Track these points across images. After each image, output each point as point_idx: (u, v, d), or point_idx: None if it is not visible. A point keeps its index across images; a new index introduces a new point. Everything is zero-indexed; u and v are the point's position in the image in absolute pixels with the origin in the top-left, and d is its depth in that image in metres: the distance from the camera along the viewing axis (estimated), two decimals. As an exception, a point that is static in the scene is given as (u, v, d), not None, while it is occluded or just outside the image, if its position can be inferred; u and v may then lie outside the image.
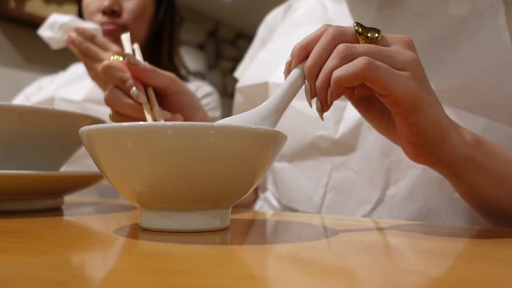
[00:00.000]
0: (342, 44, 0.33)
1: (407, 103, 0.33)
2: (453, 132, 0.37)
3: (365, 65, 0.31)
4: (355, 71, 0.31)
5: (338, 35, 0.34)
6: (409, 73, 0.33)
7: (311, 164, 0.56)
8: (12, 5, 1.93)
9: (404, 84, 0.32)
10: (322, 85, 0.33)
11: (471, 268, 0.23)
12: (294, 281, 0.19)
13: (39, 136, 0.44)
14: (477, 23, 0.50)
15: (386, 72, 0.32)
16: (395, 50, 0.34)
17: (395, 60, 0.33)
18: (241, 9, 3.58)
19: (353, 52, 0.32)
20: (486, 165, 0.38)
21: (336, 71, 0.32)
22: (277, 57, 0.62)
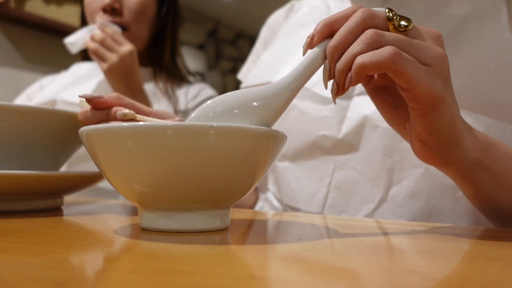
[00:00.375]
0: (370, 30, 0.31)
1: (427, 101, 0.32)
2: (466, 136, 0.36)
3: (391, 55, 0.30)
4: (380, 60, 0.30)
5: (368, 18, 0.32)
6: (434, 70, 0.32)
7: (314, 164, 0.56)
8: (12, 5, 1.93)
9: (428, 80, 0.31)
10: (342, 68, 0.32)
11: (473, 269, 0.23)
12: (295, 281, 0.19)
13: (39, 136, 0.44)
14: (479, 23, 0.50)
15: (412, 66, 0.31)
16: (424, 43, 0.33)
17: (423, 54, 0.32)
18: (241, 9, 3.58)
19: (381, 39, 0.31)
20: (494, 169, 0.38)
21: (360, 56, 0.31)
22: (281, 57, 0.63)
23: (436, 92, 0.32)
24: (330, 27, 0.33)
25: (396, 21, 0.32)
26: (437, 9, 0.52)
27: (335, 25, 0.33)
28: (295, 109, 0.58)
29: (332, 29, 0.33)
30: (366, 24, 0.32)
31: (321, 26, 0.33)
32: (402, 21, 0.33)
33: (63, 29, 1.98)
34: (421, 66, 0.31)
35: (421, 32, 0.33)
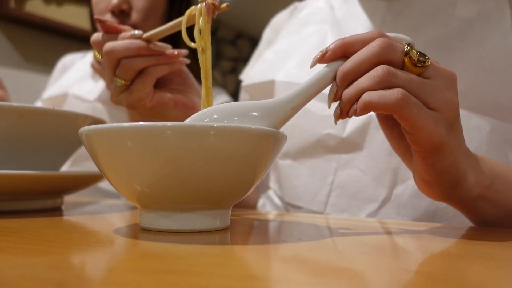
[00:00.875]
0: (384, 67, 0.31)
1: (428, 145, 0.33)
2: (469, 175, 0.36)
3: (398, 100, 0.30)
4: (387, 103, 0.30)
5: (385, 52, 0.31)
6: (440, 115, 0.32)
7: (317, 162, 0.56)
8: (12, 5, 1.93)
9: (431, 126, 0.31)
10: (349, 98, 0.32)
11: (476, 269, 0.23)
12: (295, 281, 0.19)
13: (39, 136, 0.44)
14: (484, 26, 0.51)
15: (417, 111, 0.31)
16: (435, 86, 0.32)
17: (431, 97, 0.32)
18: (241, 9, 3.58)
19: (392, 80, 0.31)
20: (497, 201, 0.38)
21: (368, 94, 0.31)
22: (284, 56, 0.63)
23: (438, 138, 0.32)
24: (345, 48, 0.33)
25: (414, 57, 0.32)
26: (442, 11, 0.53)
27: (350, 48, 0.33)
28: None
29: (347, 51, 0.33)
30: (381, 57, 0.31)
31: (337, 45, 0.33)
32: (420, 57, 0.32)
33: (63, 29, 1.98)
34: (427, 111, 0.31)
35: (437, 72, 0.33)
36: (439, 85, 0.32)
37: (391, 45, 0.32)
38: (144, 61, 0.46)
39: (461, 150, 0.35)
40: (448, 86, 0.33)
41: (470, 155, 0.37)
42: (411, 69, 0.32)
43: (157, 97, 0.50)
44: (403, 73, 0.31)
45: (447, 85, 0.33)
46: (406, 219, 0.50)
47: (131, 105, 0.49)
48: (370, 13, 0.57)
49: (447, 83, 0.33)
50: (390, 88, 0.31)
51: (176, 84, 0.53)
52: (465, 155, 0.36)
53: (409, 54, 0.31)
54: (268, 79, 0.61)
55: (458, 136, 0.34)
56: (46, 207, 0.45)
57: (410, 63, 0.32)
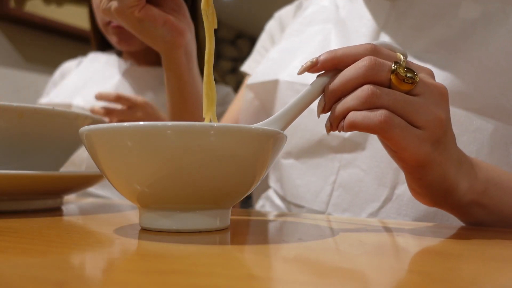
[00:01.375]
0: (368, 88, 0.31)
1: (413, 162, 0.33)
2: (461, 182, 0.36)
3: (381, 122, 0.31)
4: (370, 125, 0.31)
5: (371, 73, 0.32)
6: (425, 133, 0.32)
7: (319, 162, 0.56)
8: (12, 5, 1.93)
9: (414, 145, 0.32)
10: (337, 116, 0.33)
11: (478, 269, 0.23)
12: (295, 282, 0.19)
13: (39, 136, 0.44)
14: (487, 27, 0.51)
15: (400, 132, 0.31)
16: (422, 104, 0.32)
17: (417, 116, 0.32)
18: (241, 9, 3.58)
19: (376, 101, 0.31)
20: (491, 206, 0.38)
21: (353, 114, 0.31)
22: (288, 55, 0.63)
23: (422, 156, 0.33)
24: (335, 62, 0.33)
25: (401, 73, 0.32)
26: (446, 12, 0.53)
27: (340, 62, 0.33)
28: None
29: (337, 64, 0.33)
30: (367, 78, 0.32)
31: (327, 58, 0.33)
32: (408, 73, 0.32)
33: (63, 29, 1.98)
34: (411, 130, 0.32)
35: (426, 88, 0.33)
36: (426, 102, 0.32)
37: (378, 65, 0.32)
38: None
39: (450, 162, 0.35)
40: (436, 102, 0.33)
41: (464, 162, 0.37)
42: (398, 86, 0.32)
43: (147, 9, 0.51)
44: (387, 94, 0.31)
45: (435, 102, 0.33)
46: (407, 219, 0.50)
47: (120, 12, 0.50)
48: (374, 12, 0.57)
49: (436, 99, 0.33)
50: (375, 108, 0.31)
51: (169, 9, 0.54)
52: (457, 164, 0.36)
53: (396, 71, 0.32)
54: (272, 78, 0.61)
55: (446, 150, 0.34)
56: (46, 207, 0.45)
57: (397, 81, 0.32)
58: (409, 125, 0.32)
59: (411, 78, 0.32)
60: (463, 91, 0.48)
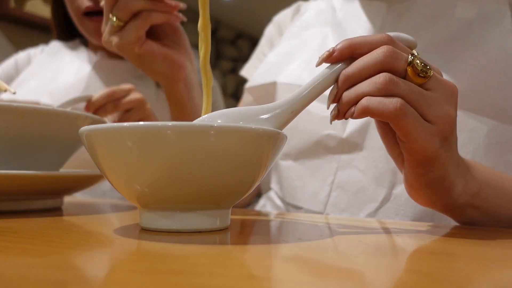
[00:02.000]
0: (386, 75, 0.31)
1: (420, 156, 0.33)
2: (457, 184, 0.36)
3: (396, 110, 0.31)
4: (385, 111, 0.31)
5: (389, 60, 0.32)
6: (435, 128, 0.32)
7: (317, 163, 0.57)
8: (12, 5, 1.93)
9: (425, 138, 0.32)
10: (348, 101, 0.32)
11: (476, 269, 0.23)
12: (295, 281, 0.19)
13: (39, 136, 0.44)
14: (484, 27, 0.51)
15: (413, 122, 0.31)
16: (434, 99, 0.32)
17: (429, 110, 0.32)
18: (241, 9, 3.58)
19: (392, 88, 0.31)
20: (485, 208, 0.38)
21: (368, 99, 0.31)
22: (286, 58, 0.63)
23: (430, 150, 0.33)
24: (353, 50, 0.33)
25: (417, 67, 0.32)
26: (442, 13, 0.53)
27: (357, 50, 0.33)
28: None
29: (354, 52, 0.33)
30: (385, 65, 0.32)
31: (344, 46, 0.33)
32: (423, 67, 0.32)
33: (63, 29, 1.97)
34: (423, 123, 0.32)
35: (438, 84, 0.33)
36: (439, 98, 0.32)
37: (396, 54, 0.32)
38: (142, 3, 0.48)
39: (452, 161, 0.35)
40: (447, 99, 0.33)
41: (462, 164, 0.37)
42: (413, 79, 0.32)
43: (147, 45, 0.51)
44: (404, 83, 0.31)
45: (446, 99, 0.33)
46: (405, 219, 0.50)
47: (120, 47, 0.50)
48: (371, 14, 0.57)
49: (447, 96, 0.33)
50: (390, 96, 0.31)
51: (169, 41, 0.54)
52: (456, 165, 0.36)
53: (412, 63, 0.32)
54: (270, 81, 0.62)
55: (451, 149, 0.35)
56: (46, 207, 0.45)
57: (412, 73, 0.32)
58: (421, 118, 0.32)
59: (425, 72, 0.32)
60: (460, 91, 0.48)
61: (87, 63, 0.87)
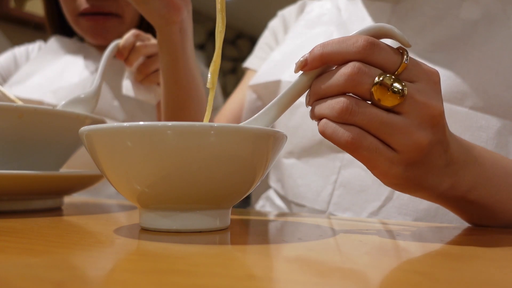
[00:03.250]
0: (345, 102, 0.30)
1: (382, 180, 0.33)
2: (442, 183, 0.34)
3: (347, 143, 0.30)
4: (336, 142, 0.30)
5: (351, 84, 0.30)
6: (398, 156, 0.31)
7: (321, 161, 0.57)
8: (12, 5, 1.93)
9: (384, 167, 0.31)
10: (313, 116, 0.33)
11: (477, 269, 0.23)
12: (295, 281, 0.19)
13: (39, 136, 0.44)
14: (488, 27, 0.51)
15: (368, 154, 0.30)
16: (402, 126, 0.30)
17: (392, 138, 0.30)
18: (241, 9, 3.58)
19: (348, 118, 0.30)
20: (480, 203, 0.37)
21: (324, 124, 0.31)
22: (290, 57, 0.63)
23: (393, 177, 0.32)
24: (323, 61, 0.31)
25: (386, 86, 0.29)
26: (447, 13, 0.54)
27: (328, 61, 0.31)
28: (303, 106, 0.58)
29: (325, 63, 0.31)
30: (347, 88, 0.30)
31: (315, 57, 0.31)
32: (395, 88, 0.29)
33: (63, 29, 1.98)
34: (382, 152, 0.30)
35: (413, 106, 0.30)
36: (408, 124, 0.30)
37: (361, 76, 0.29)
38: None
39: (428, 173, 0.33)
40: (421, 124, 0.30)
41: (453, 163, 0.34)
42: (380, 102, 0.30)
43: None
44: (364, 112, 0.30)
45: (420, 123, 0.30)
46: (407, 218, 0.50)
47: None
48: (375, 15, 0.57)
49: (422, 121, 0.30)
50: (347, 124, 0.30)
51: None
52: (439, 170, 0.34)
53: (381, 83, 0.29)
54: (274, 79, 0.62)
55: (424, 166, 0.32)
56: (46, 207, 0.45)
57: (380, 95, 0.29)
58: (382, 147, 0.30)
59: (396, 92, 0.29)
60: (465, 90, 0.49)
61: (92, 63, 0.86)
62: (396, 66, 0.30)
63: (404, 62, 0.30)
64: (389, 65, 0.30)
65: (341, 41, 0.30)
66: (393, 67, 0.30)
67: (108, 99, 0.81)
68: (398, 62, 0.30)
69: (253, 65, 0.75)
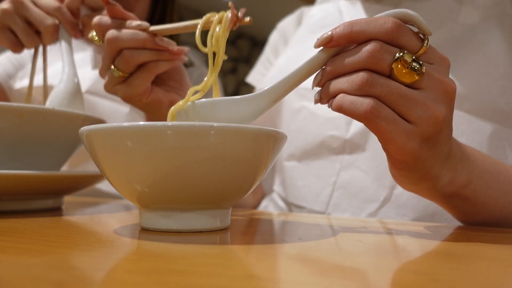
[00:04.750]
0: (364, 75, 0.30)
1: (397, 158, 0.33)
2: (443, 176, 0.35)
3: (366, 112, 0.30)
4: (355, 113, 0.30)
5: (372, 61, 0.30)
6: (415, 129, 0.31)
7: (321, 163, 0.57)
8: (12, 5, 1.93)
9: (401, 140, 0.31)
10: (327, 93, 0.32)
11: (477, 269, 0.23)
12: (295, 281, 0.19)
13: (39, 136, 0.44)
14: (486, 32, 0.52)
15: (385, 124, 0.31)
16: (419, 99, 0.31)
17: (410, 111, 0.31)
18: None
19: (369, 89, 0.30)
20: (473, 200, 0.38)
21: (342, 98, 0.31)
22: (294, 61, 0.64)
23: (408, 151, 0.32)
24: (350, 40, 0.31)
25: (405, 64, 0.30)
26: (446, 17, 0.54)
27: (355, 40, 0.31)
28: (304, 110, 0.59)
29: (351, 42, 0.32)
30: (368, 64, 0.31)
31: (343, 34, 0.31)
32: (413, 65, 0.30)
33: (63, 29, 1.98)
34: (400, 124, 0.31)
35: (431, 82, 0.31)
36: (425, 98, 0.31)
37: (382, 53, 0.30)
38: (147, 55, 0.45)
39: (436, 158, 0.34)
40: (438, 99, 0.31)
41: (453, 156, 0.36)
42: (399, 77, 0.31)
43: (154, 93, 0.50)
44: (383, 84, 0.30)
45: (436, 99, 0.31)
46: (406, 219, 0.50)
47: (127, 98, 0.49)
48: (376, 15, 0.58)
49: (438, 96, 0.31)
50: (366, 96, 0.30)
51: (172, 81, 0.53)
52: (443, 159, 0.35)
53: (400, 59, 0.30)
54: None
55: (435, 147, 0.33)
56: (46, 207, 0.45)
57: (399, 71, 0.30)
58: (399, 119, 0.31)
59: (415, 69, 0.31)
60: (462, 93, 0.49)
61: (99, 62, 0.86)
62: (417, 49, 0.31)
63: (424, 46, 0.31)
64: (411, 47, 0.31)
65: (370, 21, 0.31)
66: (414, 50, 0.31)
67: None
68: (419, 46, 0.31)
69: (255, 81, 0.75)
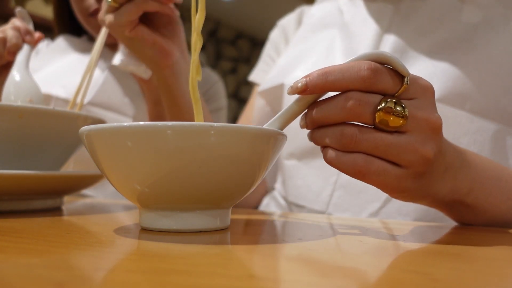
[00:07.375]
0: (349, 131, 0.30)
1: (392, 195, 0.33)
2: (442, 188, 0.35)
3: (355, 172, 0.30)
4: (345, 171, 0.30)
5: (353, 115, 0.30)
6: (406, 172, 0.31)
7: (321, 163, 0.57)
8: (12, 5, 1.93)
9: (393, 185, 0.31)
10: (315, 142, 0.32)
11: (478, 269, 0.23)
12: (295, 281, 0.19)
13: (39, 136, 0.44)
14: (489, 31, 0.52)
15: (377, 178, 0.30)
16: (407, 144, 0.30)
17: (400, 157, 0.30)
18: (241, 9, 3.58)
19: (354, 147, 0.30)
20: (475, 207, 0.38)
21: (330, 154, 0.31)
22: (294, 61, 0.64)
23: (401, 191, 0.32)
24: (325, 89, 0.30)
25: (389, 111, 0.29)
26: (449, 16, 0.54)
27: (332, 88, 0.30)
28: None
29: (327, 90, 0.31)
30: (350, 118, 0.30)
31: (317, 84, 0.30)
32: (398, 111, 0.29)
33: (63, 29, 1.98)
34: (391, 172, 0.31)
35: (416, 123, 0.30)
36: (413, 142, 0.30)
37: (362, 106, 0.29)
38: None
39: (432, 181, 0.33)
40: (425, 139, 0.31)
41: (452, 167, 0.35)
42: (385, 126, 0.30)
43: (138, 30, 0.53)
44: (368, 139, 0.30)
45: (423, 139, 0.31)
46: (407, 219, 0.50)
47: (112, 27, 0.52)
48: (378, 16, 0.58)
49: (425, 136, 0.31)
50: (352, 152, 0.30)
51: (165, 30, 0.56)
52: (442, 175, 0.34)
53: (384, 109, 0.29)
54: (278, 83, 0.63)
55: (431, 176, 0.33)
56: (46, 207, 0.45)
57: (383, 120, 0.29)
58: (389, 167, 0.31)
59: (398, 115, 0.29)
60: (465, 93, 0.49)
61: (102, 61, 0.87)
62: (397, 88, 0.30)
63: (405, 84, 0.30)
64: (391, 90, 0.30)
65: (344, 69, 0.30)
66: (394, 90, 0.30)
67: (118, 95, 0.81)
68: (399, 85, 0.30)
69: (258, 78, 0.75)
